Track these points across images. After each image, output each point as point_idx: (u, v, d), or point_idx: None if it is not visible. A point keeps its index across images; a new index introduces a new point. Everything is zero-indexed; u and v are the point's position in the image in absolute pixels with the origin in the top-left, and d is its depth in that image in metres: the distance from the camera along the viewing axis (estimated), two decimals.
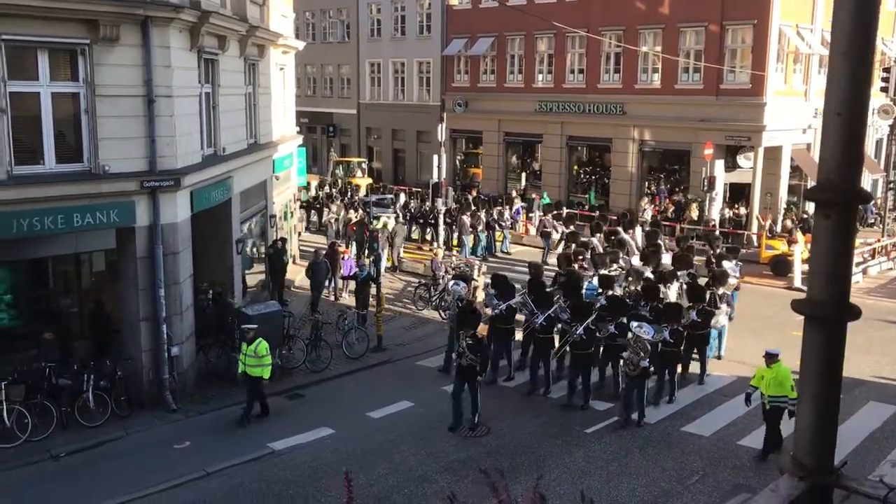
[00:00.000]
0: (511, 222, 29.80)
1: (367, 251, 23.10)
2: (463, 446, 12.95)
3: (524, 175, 37.43)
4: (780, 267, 24.53)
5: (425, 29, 39.98)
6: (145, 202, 13.88)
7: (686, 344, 15.44)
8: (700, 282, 17.81)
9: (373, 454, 12.65)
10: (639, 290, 17.30)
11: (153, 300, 14.22)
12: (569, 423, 13.98)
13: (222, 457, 12.62)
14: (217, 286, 17.42)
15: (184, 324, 14.99)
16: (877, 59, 29.67)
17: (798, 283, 22.82)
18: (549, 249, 26.32)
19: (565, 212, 29.71)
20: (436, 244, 27.00)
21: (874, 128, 32.41)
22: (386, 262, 24.39)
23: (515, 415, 14.38)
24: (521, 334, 16.68)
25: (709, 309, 16.04)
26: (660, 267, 19.28)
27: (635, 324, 13.90)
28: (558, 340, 15.84)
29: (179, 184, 14.08)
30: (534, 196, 33.50)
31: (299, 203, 31.23)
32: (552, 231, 26.94)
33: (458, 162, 40.16)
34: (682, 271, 18.64)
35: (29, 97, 12.79)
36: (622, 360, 14.10)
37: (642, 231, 24.54)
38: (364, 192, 35.82)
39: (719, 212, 29.14)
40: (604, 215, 27.67)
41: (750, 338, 17.95)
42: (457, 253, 26.61)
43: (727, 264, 18.70)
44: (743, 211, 29.52)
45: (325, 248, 23.53)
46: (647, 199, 31.19)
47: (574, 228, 25.28)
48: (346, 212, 28.97)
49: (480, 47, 36.44)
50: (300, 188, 31.36)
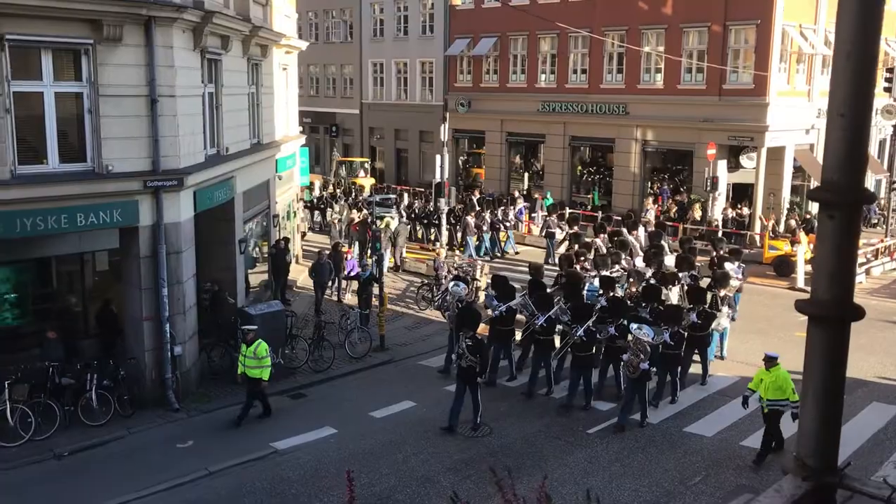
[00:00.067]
0: (514, 222, 29.81)
1: (369, 251, 23.12)
2: (465, 446, 12.96)
3: (527, 175, 37.42)
4: (782, 267, 24.52)
5: (428, 29, 39.99)
6: (148, 202, 13.91)
7: (686, 346, 15.42)
8: (703, 283, 17.78)
9: (375, 454, 12.66)
10: (639, 291, 17.27)
11: (156, 300, 14.25)
12: (571, 423, 13.98)
13: (225, 456, 12.65)
14: (214, 284, 17.44)
15: (187, 323, 15.02)
16: (880, 60, 29.67)
17: (801, 283, 22.80)
18: (553, 250, 26.30)
19: (567, 212, 29.69)
20: (438, 244, 27.01)
21: (878, 128, 32.35)
22: (388, 262, 24.41)
23: (518, 415, 14.38)
24: (521, 335, 16.67)
25: (709, 311, 15.99)
26: (662, 268, 19.24)
27: (635, 326, 13.87)
28: (559, 342, 15.83)
29: (182, 183, 14.11)
30: (537, 196, 33.49)
31: (303, 203, 31.27)
32: (556, 231, 26.93)
33: (460, 162, 40.16)
34: (684, 273, 18.61)
35: (33, 97, 12.82)
36: (622, 362, 14.09)
37: (645, 231, 24.51)
38: (369, 192, 35.85)
39: (722, 212, 29.10)
40: (608, 216, 27.63)
41: (753, 338, 17.94)
42: (459, 253, 26.62)
43: (729, 266, 18.63)
44: (746, 211, 29.46)
45: (329, 248, 23.56)
46: (651, 199, 31.16)
47: (577, 229, 25.26)
48: (349, 212, 28.99)
49: (483, 47, 36.44)
50: (303, 188, 31.40)
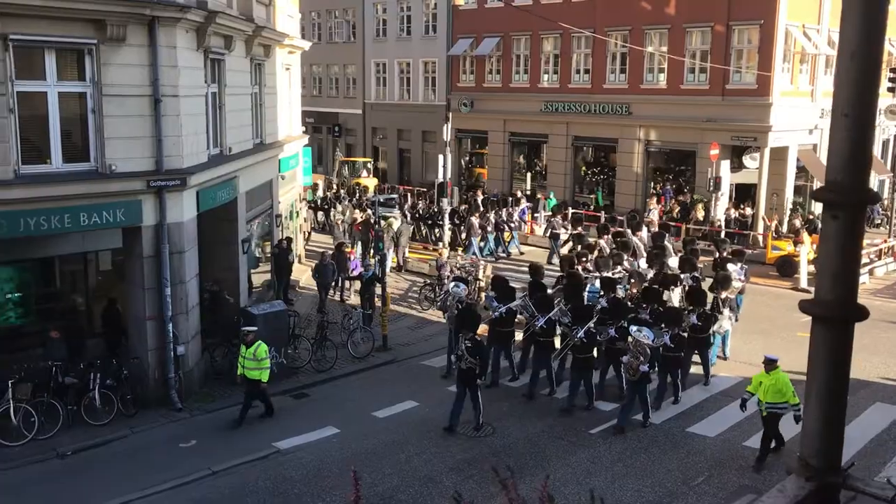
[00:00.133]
0: (518, 223, 29.79)
1: (372, 251, 23.12)
2: (468, 446, 12.96)
3: (529, 175, 37.41)
4: (785, 268, 24.48)
5: (431, 29, 39.99)
6: (151, 201, 13.93)
7: (686, 348, 15.36)
8: (705, 285, 17.73)
9: (378, 454, 12.67)
10: (639, 292, 17.21)
11: (159, 299, 14.27)
12: (574, 423, 13.97)
13: (228, 456, 12.66)
14: (214, 284, 17.45)
15: (189, 323, 15.04)
16: (884, 60, 29.47)
17: (804, 283, 22.76)
18: (557, 250, 26.27)
19: (570, 212, 29.66)
20: (441, 244, 27.00)
21: (881, 128, 32.30)
22: (391, 261, 24.41)
23: (520, 415, 14.38)
24: (521, 336, 16.65)
25: (709, 312, 15.94)
26: (664, 269, 19.19)
27: (635, 328, 13.82)
28: (559, 343, 15.81)
29: (185, 183, 14.13)
30: (540, 196, 33.47)
31: (306, 203, 31.27)
32: (560, 232, 26.90)
33: (463, 162, 40.15)
34: (686, 274, 18.57)
35: (36, 97, 12.84)
36: (622, 363, 14.07)
37: (649, 232, 24.45)
38: (373, 192, 35.85)
39: (725, 212, 29.08)
40: (612, 216, 27.60)
41: (755, 338, 17.91)
42: (462, 253, 26.60)
43: (732, 267, 18.57)
44: (749, 211, 29.43)
45: (332, 249, 23.56)
46: (654, 199, 31.12)
47: (581, 230, 25.23)
48: (352, 212, 28.98)
49: (486, 47, 36.42)
50: (306, 188, 31.40)
